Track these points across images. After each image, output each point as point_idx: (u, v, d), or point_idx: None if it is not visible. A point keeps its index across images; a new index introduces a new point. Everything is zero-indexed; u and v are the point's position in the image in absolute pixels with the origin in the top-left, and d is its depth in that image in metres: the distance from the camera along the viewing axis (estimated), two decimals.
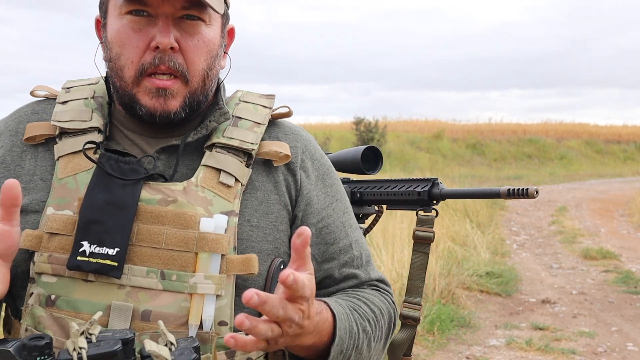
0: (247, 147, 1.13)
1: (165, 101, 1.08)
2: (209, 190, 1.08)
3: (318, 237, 1.18)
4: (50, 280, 1.02)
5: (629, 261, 7.99)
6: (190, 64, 1.09)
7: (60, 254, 1.02)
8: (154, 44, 1.06)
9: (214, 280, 1.04)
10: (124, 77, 1.09)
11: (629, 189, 16.61)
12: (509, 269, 7.32)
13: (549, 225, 11.06)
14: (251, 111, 1.20)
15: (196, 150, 1.14)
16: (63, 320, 1.01)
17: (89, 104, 1.14)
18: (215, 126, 1.14)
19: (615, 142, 32.65)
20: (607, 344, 4.90)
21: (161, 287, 1.02)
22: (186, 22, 1.08)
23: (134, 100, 1.09)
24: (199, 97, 1.12)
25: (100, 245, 1.02)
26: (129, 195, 1.04)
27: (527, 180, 19.26)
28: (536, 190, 1.30)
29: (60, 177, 1.07)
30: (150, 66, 1.07)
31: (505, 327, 5.33)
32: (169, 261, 1.03)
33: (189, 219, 1.05)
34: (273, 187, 1.16)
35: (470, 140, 28.22)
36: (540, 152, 28.90)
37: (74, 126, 1.11)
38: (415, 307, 1.45)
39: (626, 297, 6.33)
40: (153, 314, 1.01)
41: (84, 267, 1.01)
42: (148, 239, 1.04)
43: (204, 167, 1.11)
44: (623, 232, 10.41)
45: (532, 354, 4.69)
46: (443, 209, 8.64)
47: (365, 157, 1.59)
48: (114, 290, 1.02)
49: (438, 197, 1.44)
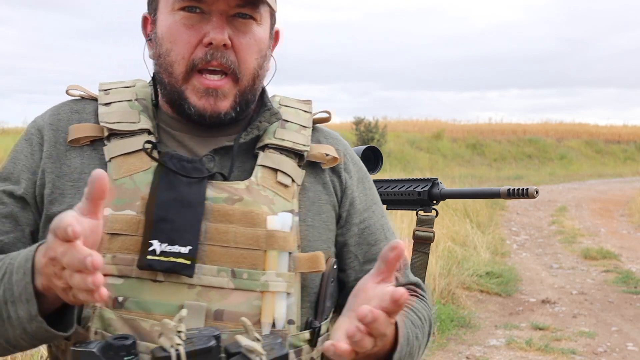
0: (300, 148, 1.14)
1: (215, 101, 1.07)
2: (269, 189, 1.09)
3: (360, 238, 1.20)
4: (116, 281, 1.00)
5: (629, 261, 8.00)
6: (242, 62, 1.08)
7: (125, 254, 1.00)
8: (207, 40, 1.05)
9: (285, 277, 1.04)
10: (173, 73, 1.08)
11: (629, 189, 16.62)
12: (509, 269, 7.32)
13: (549, 225, 11.06)
14: (294, 115, 1.20)
15: (245, 152, 1.14)
16: (134, 321, 0.99)
17: (134, 106, 1.13)
18: (267, 126, 1.14)
19: (615, 142, 32.65)
20: (607, 344, 4.90)
21: (233, 285, 1.02)
22: (238, 20, 1.08)
23: (182, 97, 1.08)
24: (248, 97, 1.12)
25: (171, 244, 1.00)
26: (195, 194, 1.03)
27: (527, 180, 19.26)
28: (536, 190, 1.30)
29: (115, 178, 1.05)
30: (201, 62, 1.06)
31: (505, 327, 5.33)
32: (239, 259, 1.03)
33: (256, 217, 1.05)
34: (322, 188, 1.17)
35: (470, 140, 28.22)
36: (540, 152, 28.90)
37: (123, 128, 1.09)
38: None
39: (626, 297, 6.33)
40: (226, 313, 1.00)
41: (156, 266, 0.99)
42: (217, 237, 1.03)
43: (261, 167, 1.11)
44: (623, 232, 10.41)
45: (532, 354, 4.69)
46: (443, 209, 8.64)
47: (366, 157, 1.60)
48: (184, 290, 1.01)
49: (438, 197, 1.45)
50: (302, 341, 1.07)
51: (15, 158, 1.13)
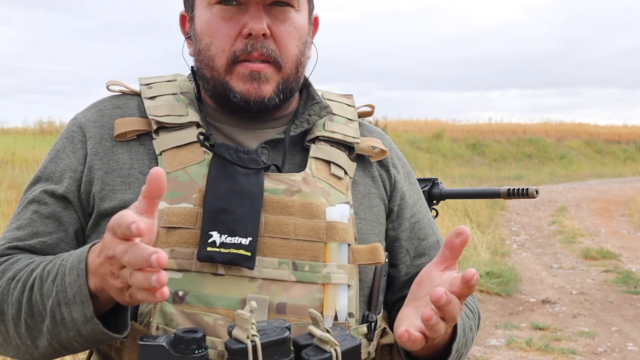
0: (350, 140, 1.14)
1: (259, 85, 1.07)
2: (324, 181, 1.08)
3: (411, 232, 1.20)
4: (175, 276, 0.98)
5: (629, 261, 7.99)
6: (283, 49, 1.08)
7: (184, 247, 0.99)
8: (246, 31, 1.05)
9: (346, 269, 1.03)
10: (215, 66, 1.08)
11: (629, 189, 16.61)
12: (509, 269, 7.32)
13: (549, 225, 11.06)
14: (339, 108, 1.20)
15: (295, 145, 1.13)
16: (197, 316, 0.97)
17: (180, 99, 1.12)
18: (317, 120, 1.14)
19: (615, 142, 32.64)
20: (607, 344, 4.90)
21: (294, 278, 1.00)
22: (276, 8, 1.08)
23: (227, 88, 1.08)
24: (292, 84, 1.11)
25: (232, 235, 0.98)
26: (253, 184, 1.02)
27: (527, 180, 19.25)
28: (536, 190, 1.30)
29: (168, 171, 1.03)
30: (242, 53, 1.06)
31: (505, 327, 5.33)
32: (299, 251, 1.01)
33: (315, 208, 1.04)
34: (371, 181, 1.16)
35: (470, 140, 28.21)
36: (540, 152, 28.89)
37: (172, 121, 1.08)
38: None
39: (626, 297, 6.33)
40: (288, 307, 0.99)
41: (217, 257, 0.97)
42: (277, 229, 1.01)
43: (314, 159, 1.10)
44: (623, 232, 10.41)
45: (532, 354, 4.69)
46: (443, 209, 8.64)
47: None
48: (245, 283, 0.99)
49: (438, 197, 1.45)
50: (361, 335, 1.06)
51: (56, 157, 1.11)
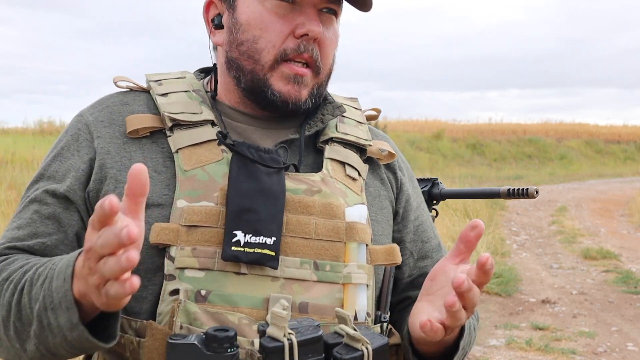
0: (363, 142, 1.15)
1: (299, 88, 1.07)
2: (340, 182, 1.09)
3: (415, 235, 1.21)
4: (197, 275, 0.97)
5: (629, 261, 7.99)
6: (324, 56, 1.09)
7: (206, 246, 0.98)
8: (301, 31, 1.05)
9: (365, 270, 1.04)
10: (260, 60, 1.06)
11: (629, 189, 16.61)
12: (509, 269, 7.31)
13: (549, 225, 11.06)
14: (348, 111, 1.20)
15: (307, 146, 1.13)
16: (221, 315, 0.96)
17: (192, 97, 1.11)
18: (330, 119, 1.14)
19: (615, 142, 32.64)
20: (607, 344, 4.90)
21: (316, 278, 1.01)
22: (324, 15, 1.09)
23: (266, 84, 1.07)
24: (323, 90, 1.13)
25: (256, 235, 0.98)
26: (276, 184, 1.02)
27: (527, 180, 19.25)
28: (536, 190, 1.30)
29: (186, 169, 1.02)
30: (292, 52, 1.06)
31: (505, 327, 5.33)
32: (320, 251, 1.02)
33: (335, 208, 1.04)
34: (380, 183, 1.17)
35: (470, 140, 28.20)
36: (540, 152, 28.88)
37: (187, 118, 1.07)
38: None
39: (626, 297, 6.32)
40: (310, 306, 0.99)
41: (242, 257, 0.97)
42: (298, 229, 1.02)
43: (330, 160, 1.10)
44: (623, 232, 10.40)
45: (532, 354, 4.69)
46: (443, 209, 8.64)
47: None
48: (267, 282, 0.99)
49: (438, 197, 1.44)
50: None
51: (60, 155, 1.08)
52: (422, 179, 1.49)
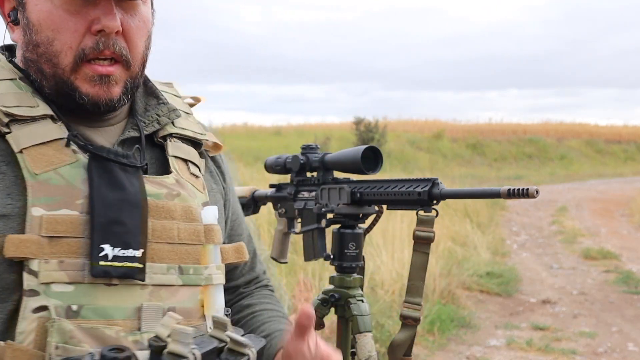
0: (200, 137, 1.13)
1: (108, 88, 0.99)
2: (187, 182, 1.07)
3: (232, 229, 1.23)
4: (65, 289, 0.91)
5: (630, 261, 7.99)
6: (133, 47, 1.01)
7: (73, 259, 0.92)
8: (97, 27, 0.96)
9: (221, 270, 1.07)
10: (59, 63, 0.97)
11: (630, 189, 16.60)
12: (509, 269, 7.31)
13: (549, 225, 11.06)
14: (171, 100, 1.15)
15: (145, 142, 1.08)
16: (97, 330, 0.91)
17: (22, 87, 1.00)
18: (167, 122, 1.10)
19: (615, 142, 32.63)
20: (607, 344, 4.90)
21: (181, 282, 1.01)
22: (126, 2, 0.99)
23: (71, 88, 0.98)
24: (138, 82, 1.05)
25: (125, 248, 0.94)
26: (138, 192, 0.98)
27: (528, 180, 19.25)
28: (536, 190, 1.30)
29: (36, 173, 0.93)
30: (92, 51, 0.97)
31: (505, 327, 5.33)
32: (184, 255, 1.02)
33: (194, 211, 1.04)
34: (210, 177, 1.17)
35: (470, 140, 28.20)
36: (540, 152, 28.88)
37: (24, 113, 0.96)
38: (415, 307, 1.44)
39: (626, 297, 6.32)
40: (177, 310, 0.99)
41: (112, 272, 0.93)
42: (164, 235, 1.00)
43: (174, 158, 1.07)
44: (623, 232, 10.40)
45: (532, 354, 4.68)
46: (443, 209, 8.63)
47: (365, 157, 1.59)
48: (138, 291, 0.97)
49: (438, 197, 1.44)
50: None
51: None
52: (422, 179, 1.48)
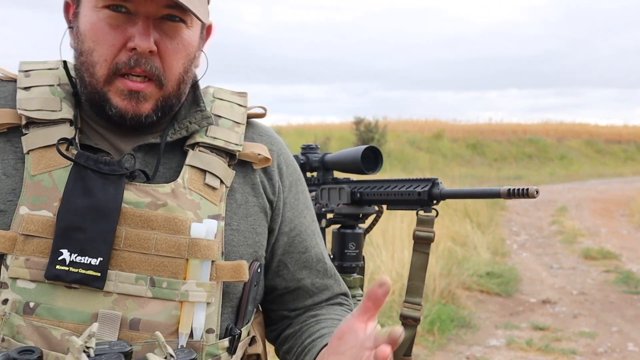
0: (232, 148, 1.10)
1: (137, 104, 1.02)
2: (196, 192, 1.04)
3: (291, 246, 1.18)
4: (28, 286, 0.95)
5: (630, 261, 7.99)
6: (168, 68, 1.03)
7: (39, 258, 0.95)
8: (131, 45, 0.99)
9: (205, 287, 1.01)
10: (95, 74, 1.02)
11: (630, 189, 16.61)
12: (509, 269, 7.32)
13: (549, 225, 11.06)
14: (228, 109, 1.15)
15: (173, 149, 1.09)
16: (45, 329, 0.94)
17: (56, 92, 1.06)
18: (196, 129, 1.09)
19: (615, 142, 32.64)
20: (607, 344, 4.90)
21: (151, 294, 0.98)
22: (167, 23, 1.02)
23: (104, 99, 1.02)
24: (172, 101, 1.06)
25: (82, 255, 0.95)
26: (111, 200, 0.97)
27: (528, 180, 19.25)
28: (536, 190, 1.29)
29: (33, 174, 0.99)
30: (124, 67, 1.00)
31: (505, 327, 5.33)
32: (159, 267, 0.99)
33: (180, 224, 1.00)
34: (250, 189, 1.13)
35: (470, 140, 28.21)
36: (540, 152, 28.90)
37: (43, 116, 1.02)
38: (415, 307, 1.43)
39: (627, 297, 6.32)
40: (142, 323, 0.97)
41: (64, 277, 0.94)
42: (137, 244, 0.98)
43: (189, 167, 1.06)
44: (623, 232, 10.40)
45: (532, 354, 4.68)
46: (443, 209, 8.64)
47: (365, 157, 1.59)
48: (99, 297, 0.96)
49: (438, 197, 1.43)
50: (221, 349, 1.04)
51: None
52: (422, 179, 1.48)
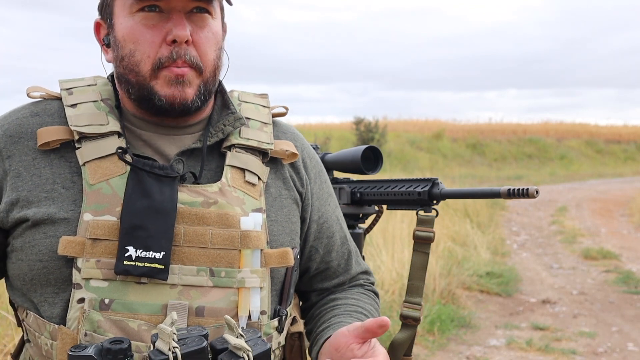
0: (265, 147, 1.21)
1: (183, 88, 1.11)
2: (239, 189, 1.15)
3: (320, 232, 1.30)
4: (101, 285, 1.06)
5: (629, 261, 7.99)
6: (203, 55, 1.13)
7: (108, 259, 1.06)
8: (170, 38, 1.10)
9: (258, 274, 1.12)
10: (140, 72, 1.11)
11: (630, 188, 16.60)
12: (509, 269, 7.32)
13: (549, 225, 11.06)
14: (254, 111, 1.26)
15: (211, 151, 1.19)
16: (122, 322, 1.05)
17: (100, 107, 1.16)
18: (231, 131, 1.19)
19: (615, 142, 32.63)
20: (607, 344, 4.90)
21: (211, 283, 1.09)
22: (196, 15, 1.13)
23: (152, 92, 1.12)
24: (211, 87, 1.17)
25: (146, 250, 1.06)
26: (168, 201, 1.08)
27: (528, 180, 19.25)
28: (536, 190, 1.30)
29: (92, 183, 1.09)
30: (167, 60, 1.10)
31: (505, 327, 5.33)
32: (216, 259, 1.10)
33: (231, 218, 1.11)
34: (282, 183, 1.24)
35: (470, 140, 28.20)
36: (540, 152, 28.89)
37: (94, 130, 1.12)
38: (415, 307, 1.44)
39: (626, 297, 6.32)
40: (207, 310, 1.08)
41: (132, 271, 1.05)
42: (195, 239, 1.09)
43: (230, 167, 1.17)
44: (623, 232, 10.40)
45: (532, 354, 4.69)
46: (443, 209, 8.64)
47: (365, 157, 1.59)
48: (167, 290, 1.07)
49: (438, 197, 1.44)
50: (272, 328, 1.16)
51: None
52: (422, 179, 1.48)
